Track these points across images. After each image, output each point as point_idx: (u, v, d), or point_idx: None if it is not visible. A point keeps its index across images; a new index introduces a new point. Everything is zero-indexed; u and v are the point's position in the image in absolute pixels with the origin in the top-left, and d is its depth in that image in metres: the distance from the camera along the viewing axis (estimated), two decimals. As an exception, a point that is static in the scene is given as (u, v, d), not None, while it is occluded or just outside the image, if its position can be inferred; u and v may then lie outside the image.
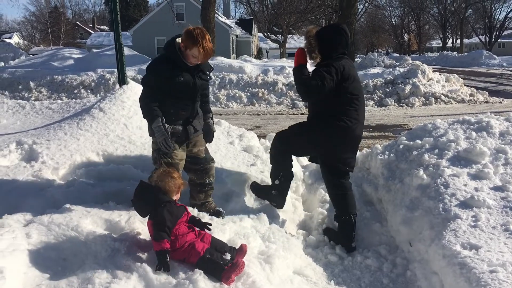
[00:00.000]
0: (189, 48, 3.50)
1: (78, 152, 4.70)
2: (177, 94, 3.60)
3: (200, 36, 3.47)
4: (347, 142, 4.12)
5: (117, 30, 6.23)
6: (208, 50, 3.51)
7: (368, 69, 18.71)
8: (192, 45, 3.48)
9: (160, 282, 2.75)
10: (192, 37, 3.47)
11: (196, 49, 3.48)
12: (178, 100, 3.64)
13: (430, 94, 14.74)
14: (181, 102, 3.66)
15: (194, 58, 3.54)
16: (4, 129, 5.75)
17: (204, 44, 3.48)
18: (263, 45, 53.50)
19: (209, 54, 3.56)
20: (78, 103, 6.55)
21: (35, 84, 17.03)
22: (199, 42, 3.45)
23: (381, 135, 9.94)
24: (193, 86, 3.65)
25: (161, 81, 3.55)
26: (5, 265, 2.67)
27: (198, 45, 3.46)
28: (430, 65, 17.80)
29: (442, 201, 3.79)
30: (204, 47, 3.48)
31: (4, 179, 4.00)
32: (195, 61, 3.58)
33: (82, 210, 3.50)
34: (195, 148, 3.92)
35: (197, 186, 4.01)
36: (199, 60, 3.57)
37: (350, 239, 4.15)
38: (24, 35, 74.80)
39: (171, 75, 3.55)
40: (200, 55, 3.51)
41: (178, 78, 3.55)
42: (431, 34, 74.20)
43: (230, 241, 3.39)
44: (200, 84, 3.72)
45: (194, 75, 3.65)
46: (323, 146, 4.15)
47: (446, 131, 4.92)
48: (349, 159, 4.19)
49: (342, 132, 4.02)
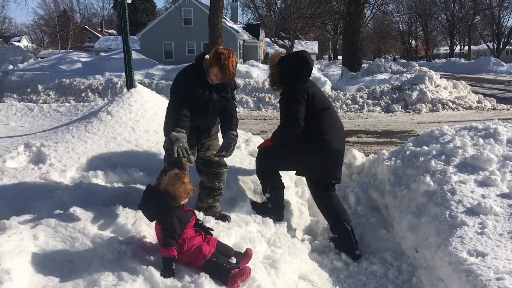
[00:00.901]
0: (211, 66, 3.56)
1: (85, 155, 4.73)
2: (192, 104, 3.64)
3: (224, 57, 3.50)
4: (327, 156, 4.15)
5: (125, 34, 6.28)
6: (228, 73, 3.54)
7: (375, 75, 18.67)
8: (215, 64, 3.53)
9: (166, 285, 2.75)
10: (217, 56, 3.52)
11: (217, 68, 3.53)
12: (191, 110, 3.66)
13: (437, 100, 14.69)
14: (194, 111, 3.68)
15: (214, 77, 3.59)
16: (12, 131, 5.79)
17: (225, 67, 3.51)
18: (270, 50, 53.51)
19: (227, 77, 3.58)
20: (86, 106, 6.59)
21: (43, 87, 17.17)
22: (221, 63, 3.49)
23: (388, 141, 9.91)
24: (207, 100, 3.69)
25: (186, 89, 3.63)
26: (12, 266, 2.69)
27: (219, 66, 3.51)
28: (437, 72, 17.75)
29: (448, 208, 3.77)
30: (224, 69, 3.51)
31: (12, 181, 4.03)
32: (215, 80, 3.62)
33: (88, 212, 3.51)
34: (208, 152, 3.95)
35: (206, 189, 4.02)
36: (218, 80, 3.61)
37: (352, 247, 4.14)
38: (33, 39, 75.39)
39: (193, 84, 3.62)
40: (219, 75, 3.56)
41: (197, 90, 3.62)
42: (439, 41, 73.99)
43: (235, 245, 3.39)
44: (216, 100, 3.74)
45: (212, 90, 3.69)
46: (305, 164, 4.24)
47: (453, 137, 4.90)
48: (332, 171, 4.22)
49: (320, 148, 4.09)
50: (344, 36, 24.95)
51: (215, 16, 19.30)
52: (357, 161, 5.57)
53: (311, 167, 4.25)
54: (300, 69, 4.13)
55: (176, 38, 37.44)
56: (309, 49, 56.92)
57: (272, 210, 4.38)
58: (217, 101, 3.74)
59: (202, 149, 3.94)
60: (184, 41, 37.72)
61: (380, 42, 70.93)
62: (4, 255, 2.75)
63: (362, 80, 18.37)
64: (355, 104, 14.82)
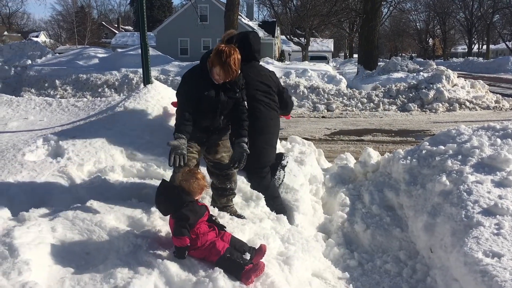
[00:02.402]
0: (213, 65, 3.47)
1: (102, 149, 4.78)
2: (199, 106, 3.59)
3: (225, 56, 3.39)
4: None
5: (143, 30, 6.32)
6: (230, 71, 3.43)
7: (391, 73, 18.56)
8: (216, 63, 3.43)
9: (181, 279, 2.78)
10: (218, 55, 3.42)
11: (219, 67, 3.43)
12: (199, 111, 3.62)
13: (454, 100, 14.53)
14: (202, 113, 3.64)
15: (218, 76, 3.50)
16: (31, 125, 5.87)
17: (226, 65, 3.40)
18: (285, 47, 53.46)
19: (230, 76, 3.47)
20: (103, 101, 6.65)
21: (60, 82, 17.38)
22: (222, 61, 3.39)
23: (403, 140, 9.85)
24: (215, 102, 3.61)
25: (190, 91, 3.58)
26: (31, 257, 2.75)
27: (221, 64, 3.41)
28: (455, 71, 17.53)
29: (464, 208, 3.74)
30: (226, 67, 3.41)
31: (31, 174, 4.10)
32: (219, 79, 3.52)
33: (105, 206, 3.56)
34: (218, 155, 3.88)
35: (218, 190, 4.00)
36: (221, 79, 3.51)
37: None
38: (51, 34, 76.32)
39: (199, 87, 3.55)
40: (222, 74, 3.46)
41: (203, 92, 3.54)
42: (457, 39, 73.11)
43: (249, 241, 3.40)
44: (224, 101, 3.64)
45: (219, 91, 3.60)
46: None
47: (470, 137, 4.85)
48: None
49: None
50: (361, 34, 24.80)
51: (231, 13, 19.32)
52: (372, 160, 5.55)
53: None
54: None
55: (192, 34, 37.58)
56: (324, 47, 56.71)
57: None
58: (225, 101, 3.65)
59: (212, 151, 3.86)
60: (200, 38, 37.84)
61: (397, 41, 70.26)
62: (23, 246, 2.81)
63: (378, 78, 18.26)
64: (370, 103, 14.73)
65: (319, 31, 47.43)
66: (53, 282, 2.70)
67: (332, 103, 14.54)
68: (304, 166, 5.33)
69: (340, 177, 5.59)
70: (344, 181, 5.51)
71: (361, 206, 4.83)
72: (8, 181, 3.91)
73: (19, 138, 5.06)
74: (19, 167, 4.20)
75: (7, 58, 19.03)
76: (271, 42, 45.10)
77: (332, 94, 15.26)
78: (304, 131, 10.82)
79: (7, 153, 4.51)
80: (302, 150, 5.92)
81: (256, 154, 4.17)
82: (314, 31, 42.56)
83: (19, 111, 6.62)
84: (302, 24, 38.37)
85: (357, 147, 8.97)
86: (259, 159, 4.39)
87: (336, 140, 9.96)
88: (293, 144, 6.13)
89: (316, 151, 6.32)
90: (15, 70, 18.31)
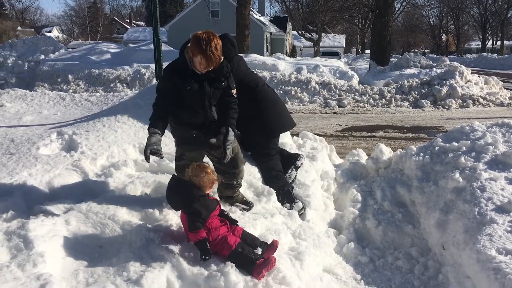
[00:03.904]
0: (194, 55, 3.28)
1: (115, 143, 4.82)
2: (186, 102, 3.45)
3: (204, 42, 3.21)
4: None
5: (155, 25, 6.36)
6: (213, 57, 3.24)
7: (403, 69, 18.39)
8: (196, 51, 3.24)
9: (193, 273, 2.81)
10: (197, 43, 3.23)
11: (200, 56, 3.24)
12: (188, 107, 3.49)
13: (467, 96, 14.38)
14: (192, 110, 3.51)
15: (201, 65, 3.30)
16: (45, 119, 5.94)
17: (208, 51, 3.20)
18: (297, 43, 53.29)
19: (213, 62, 3.28)
20: (116, 96, 6.70)
21: (73, 77, 17.49)
22: (202, 48, 3.20)
23: (416, 136, 9.78)
24: (200, 94, 3.44)
25: (170, 89, 3.42)
26: (45, 250, 2.79)
27: (201, 52, 3.21)
28: (468, 67, 17.33)
29: (477, 205, 3.71)
30: (208, 54, 3.21)
31: (45, 167, 4.14)
32: (201, 68, 3.33)
33: (118, 200, 3.60)
34: (220, 149, 3.64)
35: (224, 185, 3.93)
36: (204, 68, 3.32)
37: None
38: (64, 29, 76.79)
39: (179, 83, 3.38)
40: (204, 62, 3.26)
41: (185, 86, 3.37)
42: (470, 35, 72.24)
43: (261, 236, 3.41)
44: (209, 92, 3.47)
45: (202, 83, 3.42)
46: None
47: (484, 134, 4.81)
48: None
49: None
50: (373, 30, 24.63)
51: (243, 8, 19.32)
52: (384, 156, 5.52)
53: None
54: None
55: (203, 30, 37.48)
56: (336, 42, 56.43)
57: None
58: (210, 93, 3.47)
59: (215, 146, 3.62)
60: (211, 33, 37.78)
61: (410, 36, 69.63)
62: (37, 239, 2.85)
63: (390, 74, 18.12)
64: (382, 99, 14.63)
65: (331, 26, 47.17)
66: (67, 274, 2.74)
67: (344, 99, 14.47)
68: (315, 162, 5.33)
69: (352, 173, 5.57)
70: (356, 177, 5.49)
71: (372, 202, 4.82)
72: (23, 174, 3.96)
73: (33, 132, 5.12)
74: (34, 160, 4.25)
75: (20, 53, 19.20)
76: (282, 37, 44.98)
77: (344, 90, 15.18)
78: (315, 127, 10.78)
79: (22, 147, 4.57)
80: (313, 146, 5.92)
81: (275, 118, 4.66)
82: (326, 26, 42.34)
83: (33, 106, 6.70)
84: (314, 20, 38.20)
85: (369, 143, 8.92)
86: (278, 123, 4.74)
87: (347, 136, 9.92)
88: (305, 140, 6.12)
89: (327, 147, 6.31)
90: (29, 65, 18.47)
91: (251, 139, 4.65)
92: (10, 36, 46.92)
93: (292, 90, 15.14)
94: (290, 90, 15.18)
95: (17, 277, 2.47)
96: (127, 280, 2.65)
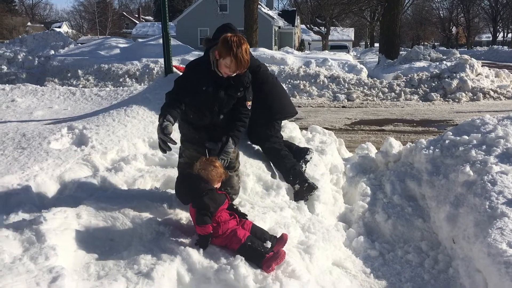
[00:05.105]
0: (222, 56, 3.17)
1: (125, 138, 4.85)
2: (196, 101, 3.37)
3: (235, 45, 3.11)
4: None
5: (164, 20, 6.36)
6: (242, 61, 3.14)
7: (413, 62, 18.28)
8: (226, 53, 3.13)
9: (203, 266, 2.82)
10: (227, 45, 3.13)
11: (229, 58, 3.13)
12: (197, 107, 3.41)
13: (478, 89, 14.24)
14: (199, 111, 3.43)
15: (227, 69, 3.20)
16: (56, 114, 5.99)
17: (239, 54, 3.11)
18: (305, 37, 53.04)
19: (242, 66, 3.18)
20: (125, 91, 6.74)
21: (83, 72, 17.58)
22: (233, 51, 3.10)
23: (425, 130, 9.72)
24: (212, 99, 3.35)
25: (189, 83, 3.33)
26: (57, 243, 2.81)
27: (231, 55, 3.11)
28: (479, 60, 17.17)
29: (488, 199, 3.69)
30: (238, 57, 3.11)
31: (56, 162, 4.18)
32: (228, 72, 3.23)
33: (128, 193, 3.62)
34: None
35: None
36: (231, 71, 3.22)
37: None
38: (73, 25, 77.12)
39: (200, 80, 3.31)
40: (233, 66, 3.16)
41: (202, 86, 3.29)
42: (481, 28, 71.36)
43: (270, 230, 3.42)
44: (222, 99, 3.37)
45: (219, 87, 3.33)
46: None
47: (495, 127, 4.77)
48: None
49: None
50: (382, 23, 24.41)
51: (251, 2, 19.28)
52: (393, 150, 5.49)
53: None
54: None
55: (212, 24, 37.28)
56: (345, 36, 56.10)
57: (307, 187, 4.49)
58: (223, 99, 3.37)
59: (210, 152, 3.50)
60: (220, 27, 37.72)
61: (419, 29, 68.92)
62: (49, 232, 2.88)
63: (400, 67, 18.00)
64: (391, 92, 14.55)
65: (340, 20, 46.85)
66: (79, 267, 2.76)
67: (353, 93, 14.41)
68: (324, 155, 5.32)
69: (361, 167, 5.55)
70: (365, 171, 5.47)
71: (382, 196, 4.80)
72: (34, 168, 4.00)
73: (44, 127, 5.17)
74: (45, 155, 4.29)
75: (30, 48, 19.33)
76: (291, 31, 44.79)
77: (353, 83, 15.11)
78: (324, 120, 10.75)
79: (33, 141, 4.61)
80: (322, 139, 5.90)
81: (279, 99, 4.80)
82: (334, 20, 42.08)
83: (44, 100, 6.75)
84: (322, 13, 37.99)
85: (378, 137, 8.88)
86: (280, 105, 4.86)
87: (356, 130, 9.88)
88: (314, 134, 6.11)
89: (336, 140, 6.29)
90: (39, 60, 18.59)
91: (256, 124, 4.56)
92: (20, 32, 47.28)
93: (301, 84, 15.10)
94: (299, 84, 15.14)
95: (30, 269, 2.49)
96: (137, 273, 2.67)
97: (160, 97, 5.73)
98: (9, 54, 18.51)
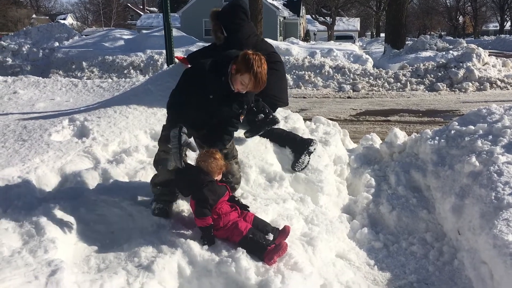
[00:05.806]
0: (240, 72, 3.07)
1: (126, 129, 4.82)
2: (198, 104, 3.22)
3: (256, 64, 3.03)
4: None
5: (166, 11, 6.30)
6: (261, 81, 3.07)
7: (419, 52, 18.11)
8: (245, 71, 3.04)
9: (204, 258, 2.79)
10: (248, 62, 3.03)
11: (248, 76, 3.05)
12: (196, 109, 3.23)
13: (485, 79, 14.09)
14: (197, 113, 3.25)
15: (242, 86, 3.11)
16: (57, 106, 5.97)
17: (259, 74, 3.04)
18: (310, 27, 52.73)
19: (259, 87, 3.11)
20: (127, 82, 6.70)
21: (87, 64, 17.56)
22: (253, 70, 3.02)
23: (431, 120, 9.62)
24: (215, 109, 3.25)
25: (198, 86, 3.18)
26: (57, 236, 2.80)
27: (251, 73, 3.03)
28: (486, 49, 16.96)
29: (494, 190, 3.63)
30: (257, 77, 3.04)
31: (57, 154, 4.16)
32: (242, 89, 3.14)
33: (130, 186, 3.60)
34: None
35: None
36: (246, 89, 3.13)
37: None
38: (78, 17, 77.12)
39: (210, 87, 3.17)
40: (251, 84, 3.08)
41: (208, 94, 3.17)
42: (488, 17, 70.68)
43: (272, 222, 3.39)
44: (224, 112, 3.28)
45: (224, 101, 3.22)
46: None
47: (501, 116, 4.69)
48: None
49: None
50: (388, 12, 24.20)
51: (256, -8, 19.08)
52: (398, 140, 5.43)
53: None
54: (234, 11, 4.47)
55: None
56: (351, 26, 55.73)
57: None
58: (224, 112, 3.29)
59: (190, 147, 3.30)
60: (224, 18, 37.57)
61: (426, 18, 68.39)
62: (49, 225, 2.87)
63: (406, 57, 17.85)
64: (397, 83, 14.42)
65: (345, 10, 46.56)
66: (79, 260, 2.75)
67: (358, 83, 14.30)
68: (328, 146, 5.27)
69: (366, 158, 5.49)
70: (370, 162, 5.41)
71: (386, 187, 4.75)
72: (35, 160, 3.98)
73: (45, 119, 5.14)
74: (46, 147, 4.27)
75: (35, 40, 19.31)
76: (296, 21, 44.52)
77: (358, 74, 14.99)
78: (329, 111, 10.68)
79: (34, 133, 4.59)
80: (326, 130, 5.84)
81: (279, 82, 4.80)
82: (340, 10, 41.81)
83: (46, 92, 6.73)
84: (328, 3, 37.73)
85: (383, 128, 8.81)
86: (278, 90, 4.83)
87: (361, 120, 9.81)
88: (318, 125, 6.05)
89: (341, 131, 6.23)
90: (43, 52, 18.58)
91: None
92: (25, 24, 47.32)
93: (306, 75, 15.01)
94: (304, 74, 15.04)
95: (28, 263, 2.48)
96: (138, 266, 2.66)
97: (162, 88, 5.70)
98: (14, 46, 18.51)
